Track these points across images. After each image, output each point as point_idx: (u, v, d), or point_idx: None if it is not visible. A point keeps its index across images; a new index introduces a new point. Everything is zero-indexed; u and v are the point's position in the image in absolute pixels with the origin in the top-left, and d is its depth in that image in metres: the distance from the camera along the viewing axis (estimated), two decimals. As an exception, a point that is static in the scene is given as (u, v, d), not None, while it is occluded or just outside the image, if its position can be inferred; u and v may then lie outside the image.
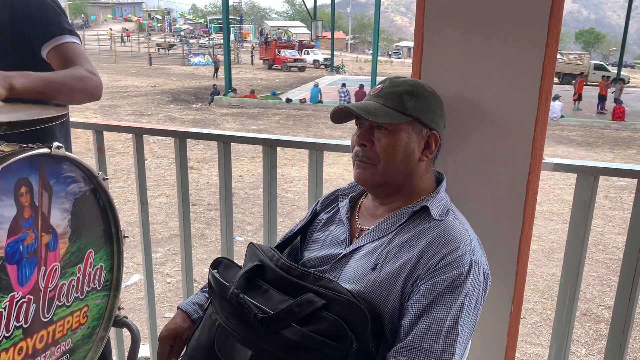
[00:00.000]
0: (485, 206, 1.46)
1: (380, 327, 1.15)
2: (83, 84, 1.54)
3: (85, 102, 1.58)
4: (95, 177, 1.46)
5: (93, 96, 1.58)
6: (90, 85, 1.56)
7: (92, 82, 1.56)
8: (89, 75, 1.56)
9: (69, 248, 1.37)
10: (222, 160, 1.95)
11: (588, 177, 1.61)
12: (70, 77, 1.52)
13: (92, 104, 17.65)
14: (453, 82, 1.42)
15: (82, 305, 1.43)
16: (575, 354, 3.78)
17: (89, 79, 1.55)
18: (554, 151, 13.20)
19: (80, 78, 1.54)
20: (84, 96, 1.56)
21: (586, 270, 5.34)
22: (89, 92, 1.56)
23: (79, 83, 1.53)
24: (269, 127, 15.57)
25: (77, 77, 1.54)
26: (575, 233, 1.68)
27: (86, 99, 1.57)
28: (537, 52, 1.33)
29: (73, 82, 1.52)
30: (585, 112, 20.66)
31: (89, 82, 1.55)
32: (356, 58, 56.83)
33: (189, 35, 64.21)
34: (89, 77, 1.56)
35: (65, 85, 1.50)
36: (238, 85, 24.33)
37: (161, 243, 5.63)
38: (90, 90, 1.56)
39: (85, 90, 1.55)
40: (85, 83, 1.54)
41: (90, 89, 1.56)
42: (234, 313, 1.16)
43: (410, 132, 1.22)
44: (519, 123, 1.39)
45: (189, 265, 2.15)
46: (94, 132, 2.07)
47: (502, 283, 1.50)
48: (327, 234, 1.37)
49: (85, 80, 1.54)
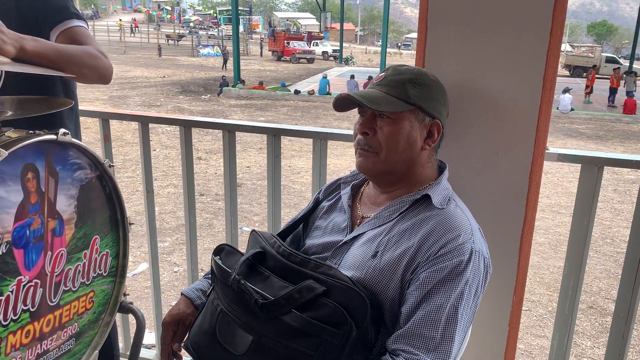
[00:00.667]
0: (488, 195, 1.47)
1: (380, 314, 1.16)
2: (94, 60, 1.55)
3: (94, 81, 1.58)
4: (101, 164, 1.48)
5: (103, 77, 1.58)
6: (102, 64, 1.57)
7: (102, 62, 1.57)
8: (100, 55, 1.57)
9: (75, 234, 1.39)
10: (227, 148, 1.96)
11: (592, 167, 1.61)
12: (82, 51, 1.53)
13: (102, 95, 17.76)
14: (456, 71, 1.42)
15: (88, 291, 1.45)
16: (580, 346, 3.77)
17: (99, 57, 1.57)
18: (564, 144, 13.10)
19: (92, 55, 1.55)
20: (94, 74, 1.56)
21: (593, 263, 5.33)
22: (99, 70, 1.57)
23: (91, 59, 1.54)
24: (277, 119, 15.58)
25: (89, 53, 1.55)
26: (579, 224, 1.67)
27: (95, 78, 1.57)
28: (541, 40, 1.32)
29: (84, 57, 1.53)
30: (596, 105, 20.48)
31: (100, 61, 1.57)
32: (365, 50, 56.61)
33: (198, 27, 64.23)
34: (99, 56, 1.57)
35: (76, 57, 1.50)
36: (247, 76, 24.32)
37: (169, 232, 5.66)
38: (100, 69, 1.57)
39: (95, 68, 1.55)
40: (97, 61, 1.55)
41: (100, 67, 1.57)
42: (235, 299, 1.17)
43: (413, 120, 1.22)
44: (522, 112, 1.38)
45: (194, 253, 2.17)
46: (100, 120, 2.09)
47: (504, 273, 1.50)
48: (328, 222, 1.38)
49: (96, 58, 1.56)
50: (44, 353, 1.32)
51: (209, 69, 28.78)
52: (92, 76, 1.56)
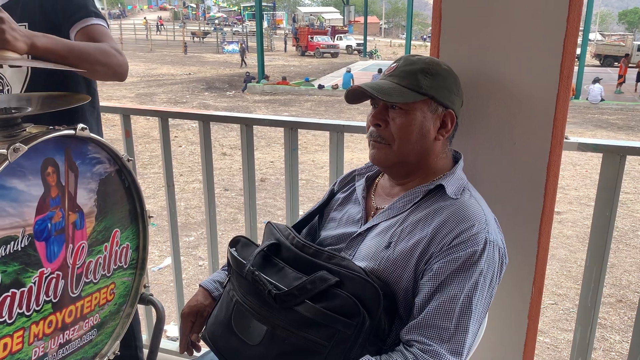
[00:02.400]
0: (505, 186, 1.45)
1: (394, 304, 1.16)
2: (107, 57, 1.55)
3: (108, 78, 1.59)
4: (119, 158, 1.51)
5: (116, 73, 1.59)
6: (115, 61, 1.57)
7: (116, 59, 1.57)
8: (114, 52, 1.57)
9: (96, 227, 1.42)
10: (245, 142, 1.97)
11: (614, 156, 1.57)
12: (95, 48, 1.54)
13: (129, 92, 18.04)
14: (471, 60, 1.40)
15: (108, 283, 1.48)
16: (608, 340, 3.70)
17: (113, 55, 1.56)
18: (593, 135, 12.81)
19: (105, 52, 1.55)
20: (108, 71, 1.56)
21: (623, 256, 5.22)
22: (113, 67, 1.57)
23: (103, 56, 1.54)
24: (301, 114, 15.60)
25: (102, 50, 1.55)
26: (601, 214, 1.64)
27: (109, 75, 1.58)
28: (558, 28, 1.30)
29: (97, 54, 1.53)
30: (628, 95, 19.95)
31: (114, 58, 1.56)
32: (390, 43, 56.18)
33: (222, 23, 64.61)
34: (113, 54, 1.57)
35: (88, 54, 1.51)
36: (271, 72, 24.41)
37: (194, 227, 5.74)
38: (114, 66, 1.57)
39: (108, 65, 1.55)
40: (110, 58, 1.55)
41: (114, 64, 1.57)
42: (250, 290, 1.19)
43: (426, 110, 1.21)
44: (539, 101, 1.36)
45: (214, 247, 2.20)
46: (121, 116, 2.12)
47: (522, 264, 1.48)
48: (343, 213, 1.38)
49: (109, 55, 1.55)
50: (66, 343, 1.35)
51: (233, 65, 28.95)
52: (105, 73, 1.57)
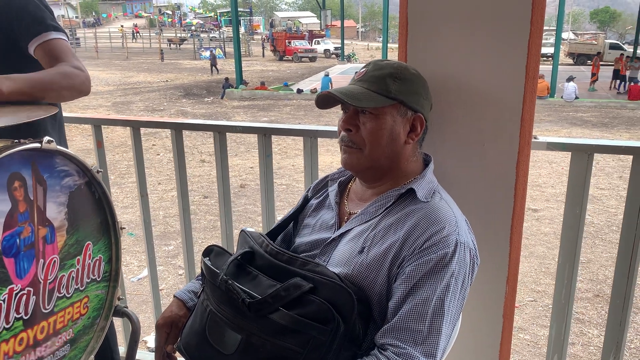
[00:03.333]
0: (475, 187, 1.46)
1: (368, 309, 1.17)
2: (70, 80, 1.55)
3: (74, 98, 1.60)
4: (89, 170, 1.49)
5: (81, 92, 1.60)
6: (78, 81, 1.57)
7: (79, 79, 1.58)
8: (76, 72, 1.57)
9: (67, 240, 1.40)
10: (219, 150, 1.96)
11: (582, 155, 1.60)
12: (57, 74, 1.54)
13: (105, 101, 17.85)
14: (439, 64, 1.41)
15: (82, 296, 1.46)
16: (587, 335, 3.76)
17: (75, 75, 1.57)
18: (568, 133, 13.03)
19: (67, 75, 1.55)
20: (72, 93, 1.58)
21: (599, 251, 5.31)
22: (77, 88, 1.58)
23: (66, 80, 1.55)
24: (280, 118, 15.59)
25: (64, 74, 1.55)
26: (572, 212, 1.67)
27: (75, 95, 1.59)
28: (522, 29, 1.32)
29: (60, 80, 1.53)
30: (601, 93, 20.32)
31: (76, 78, 1.57)
32: (367, 46, 56.38)
33: (199, 30, 64.26)
34: (76, 74, 1.57)
35: (52, 84, 1.52)
36: (249, 77, 24.34)
37: (174, 236, 5.68)
38: (77, 86, 1.58)
39: (72, 87, 1.56)
40: (73, 80, 1.56)
41: (78, 85, 1.57)
42: (223, 299, 1.18)
43: (395, 115, 1.22)
44: (506, 102, 1.38)
45: (190, 257, 2.18)
46: (92, 127, 2.10)
47: (495, 264, 1.50)
48: (317, 219, 1.39)
49: (72, 77, 1.56)
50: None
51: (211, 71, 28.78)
52: (70, 95, 1.58)
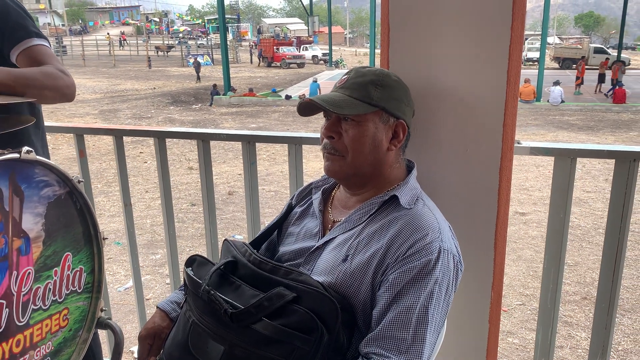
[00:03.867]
0: (459, 192, 1.46)
1: (353, 318, 1.16)
2: (54, 81, 1.52)
3: (57, 101, 1.56)
4: (69, 180, 1.47)
5: (65, 95, 1.56)
6: (62, 83, 1.54)
7: (63, 81, 1.54)
8: (60, 74, 1.54)
9: (43, 252, 1.37)
10: (202, 157, 1.95)
11: (565, 159, 1.60)
12: (40, 73, 1.50)
13: (92, 109, 17.73)
14: (421, 70, 1.41)
15: (61, 308, 1.44)
16: (575, 338, 3.77)
17: (60, 77, 1.54)
18: (555, 137, 13.14)
19: (51, 75, 1.52)
20: (55, 94, 1.54)
21: (586, 254, 5.33)
22: (61, 90, 1.54)
23: (49, 80, 1.51)
24: (269, 125, 15.57)
25: (48, 74, 1.52)
26: (556, 216, 1.67)
27: (58, 98, 1.55)
28: (503, 35, 1.32)
29: (43, 78, 1.50)
30: (587, 96, 20.55)
31: (60, 80, 1.53)
32: (355, 52, 56.60)
33: (187, 37, 64.18)
34: (60, 76, 1.54)
35: (35, 80, 1.48)
36: (238, 84, 24.32)
37: (161, 245, 5.63)
38: (61, 88, 1.54)
39: (56, 88, 1.53)
40: (56, 81, 1.52)
41: (61, 87, 1.54)
42: (206, 310, 1.16)
43: (377, 122, 1.22)
44: (488, 108, 1.38)
45: (175, 266, 2.16)
46: (75, 136, 2.08)
47: (480, 270, 1.49)
48: (301, 227, 1.37)
49: (56, 78, 1.52)
50: (16, 374, 1.30)
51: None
52: (53, 97, 1.54)
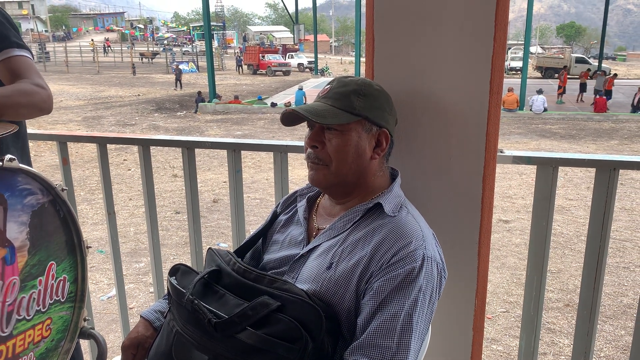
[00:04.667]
0: (443, 200, 1.47)
1: (337, 326, 1.16)
2: (29, 98, 1.50)
3: (34, 116, 1.55)
4: (53, 188, 1.46)
5: (42, 110, 1.54)
6: (38, 99, 1.52)
7: (39, 96, 1.52)
8: (36, 89, 1.52)
9: (29, 261, 1.36)
10: (187, 165, 1.94)
11: (547, 168, 1.63)
12: (15, 92, 1.48)
13: (75, 116, 17.57)
14: (405, 80, 1.43)
15: (44, 318, 1.42)
16: (558, 344, 3.81)
17: (35, 93, 1.52)
18: (538, 145, 13.29)
19: (26, 92, 1.50)
20: (32, 110, 1.52)
21: (568, 261, 5.39)
22: (37, 105, 1.53)
23: (25, 97, 1.49)
24: (254, 132, 15.56)
25: (22, 91, 1.50)
26: (539, 224, 1.69)
27: (35, 113, 1.54)
28: (486, 46, 1.34)
29: (18, 97, 1.48)
30: (569, 105, 20.85)
31: (36, 96, 1.52)
32: (341, 60, 56.88)
33: (172, 44, 64.01)
34: (35, 91, 1.52)
35: (9, 101, 1.46)
36: (223, 91, 24.28)
37: (145, 253, 5.59)
38: (38, 104, 1.52)
39: (32, 105, 1.51)
40: (32, 97, 1.50)
41: (37, 102, 1.52)
42: (190, 319, 1.16)
43: (360, 131, 1.23)
44: (471, 117, 1.40)
45: (159, 275, 2.14)
46: (58, 144, 2.06)
47: (464, 277, 1.51)
48: (286, 235, 1.38)
49: (31, 94, 1.51)
50: (-3, 385, 1.28)
51: (184, 85, 28.61)
52: (29, 113, 1.53)
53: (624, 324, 4.12)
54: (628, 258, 5.48)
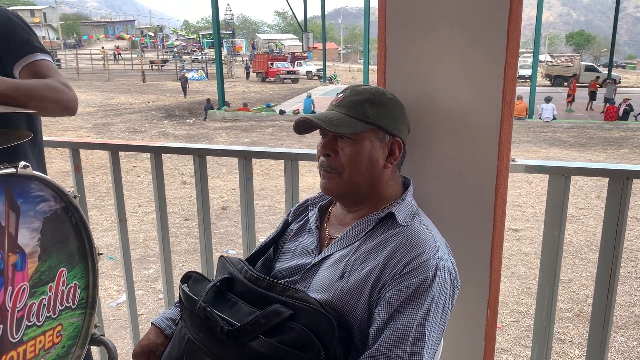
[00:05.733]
0: (455, 210, 1.47)
1: (349, 335, 1.15)
2: (55, 93, 1.51)
3: (58, 114, 1.55)
4: (66, 195, 1.46)
5: (67, 108, 1.55)
6: (64, 96, 1.53)
7: (65, 94, 1.53)
8: (62, 87, 1.53)
9: (39, 267, 1.36)
10: (199, 173, 1.95)
11: (560, 177, 1.62)
12: (42, 85, 1.50)
13: (85, 123, 17.71)
14: (417, 88, 1.43)
15: (55, 325, 1.42)
16: (569, 355, 3.76)
17: (62, 90, 1.53)
18: (547, 153, 13.23)
19: (53, 87, 1.51)
20: (57, 107, 1.52)
21: (579, 270, 5.35)
22: (62, 103, 1.53)
23: (51, 92, 1.50)
24: (263, 139, 15.60)
25: (50, 86, 1.51)
26: (551, 234, 1.68)
27: (59, 111, 1.54)
28: (498, 55, 1.34)
29: (45, 90, 1.49)
30: (578, 114, 20.76)
31: (62, 93, 1.53)
32: (349, 68, 57.04)
33: (181, 51, 64.48)
34: (62, 89, 1.53)
35: (36, 92, 1.47)
36: (232, 99, 24.40)
37: (154, 259, 5.60)
38: (63, 101, 1.53)
39: (58, 101, 1.52)
40: (58, 93, 1.51)
41: (63, 100, 1.53)
42: (202, 326, 1.16)
43: (373, 139, 1.23)
44: (484, 126, 1.39)
45: (170, 282, 2.15)
46: (70, 150, 2.07)
47: (476, 287, 1.50)
48: (297, 244, 1.37)
49: (57, 90, 1.52)
50: (8, 392, 1.28)
51: (193, 92, 28.81)
52: (54, 109, 1.53)
53: (636, 334, 4.07)
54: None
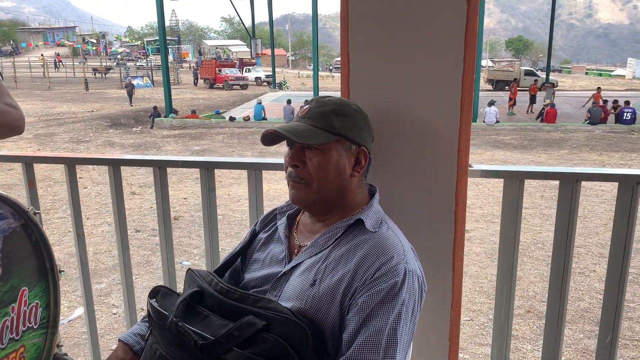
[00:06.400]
0: (419, 215, 1.52)
1: (323, 342, 1.17)
2: (2, 117, 1.48)
3: (6, 136, 1.52)
4: (25, 212, 1.42)
5: (14, 129, 1.52)
6: (10, 118, 1.50)
7: (11, 116, 1.50)
8: (8, 109, 1.50)
9: (1, 288, 1.32)
10: (159, 185, 1.93)
11: (514, 181, 1.70)
12: None
13: (26, 133, 16.97)
14: (380, 99, 1.47)
15: (17, 346, 1.38)
16: (521, 350, 3.91)
17: (8, 112, 1.50)
18: (492, 155, 13.68)
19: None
20: (5, 130, 1.50)
21: (527, 268, 5.56)
22: (9, 125, 1.51)
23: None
24: (213, 147, 15.42)
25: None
26: (507, 235, 1.76)
27: (7, 133, 1.51)
28: (456, 67, 1.40)
29: None
30: (520, 117, 21.58)
31: (8, 115, 1.50)
32: (298, 74, 57.17)
33: (126, 58, 62.95)
34: (7, 111, 1.50)
35: None
36: (179, 105, 23.99)
37: (105, 273, 5.45)
38: (9, 123, 1.50)
39: (4, 124, 1.49)
40: (4, 117, 1.49)
41: (9, 122, 1.50)
42: (174, 342, 1.15)
43: (340, 149, 1.26)
44: (444, 134, 1.45)
45: (131, 296, 2.10)
46: (24, 165, 2.00)
47: (439, 289, 1.55)
48: (266, 253, 1.38)
49: (3, 114, 1.49)
50: (-30, 418, 1.24)
51: (139, 100, 28.15)
52: (2, 133, 1.51)
53: (582, 327, 4.27)
54: (582, 264, 5.70)
